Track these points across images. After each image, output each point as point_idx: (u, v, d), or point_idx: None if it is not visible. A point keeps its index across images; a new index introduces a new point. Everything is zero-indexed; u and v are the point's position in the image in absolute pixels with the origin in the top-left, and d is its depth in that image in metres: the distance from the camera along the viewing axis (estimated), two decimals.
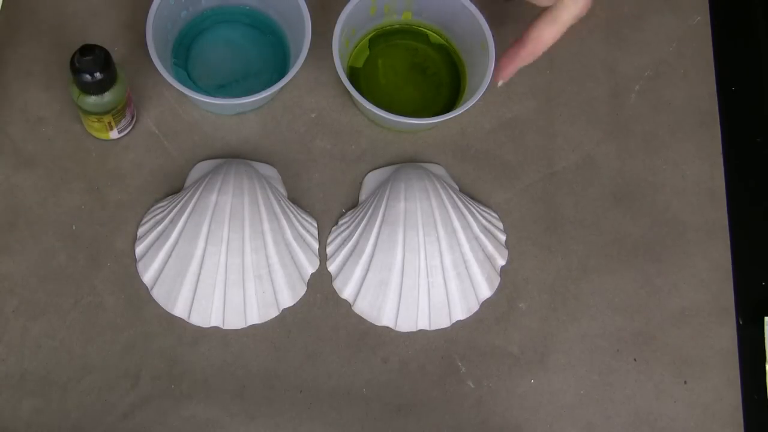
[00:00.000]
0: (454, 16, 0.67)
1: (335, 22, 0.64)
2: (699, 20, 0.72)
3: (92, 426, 0.61)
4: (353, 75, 0.69)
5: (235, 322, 0.63)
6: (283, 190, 0.66)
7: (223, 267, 0.62)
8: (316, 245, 0.65)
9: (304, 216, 0.65)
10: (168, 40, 0.67)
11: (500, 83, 0.63)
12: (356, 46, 0.69)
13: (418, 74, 0.69)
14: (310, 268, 0.65)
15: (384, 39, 0.70)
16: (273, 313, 0.64)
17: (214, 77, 0.68)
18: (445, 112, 0.64)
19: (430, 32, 0.70)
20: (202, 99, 0.62)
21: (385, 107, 0.63)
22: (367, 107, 0.63)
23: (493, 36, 0.64)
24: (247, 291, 0.63)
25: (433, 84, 0.69)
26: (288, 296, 0.64)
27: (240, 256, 0.62)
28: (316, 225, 0.66)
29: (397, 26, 0.70)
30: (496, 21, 0.66)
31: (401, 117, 0.63)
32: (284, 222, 0.64)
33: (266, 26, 0.69)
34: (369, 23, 0.69)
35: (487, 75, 0.63)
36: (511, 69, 0.62)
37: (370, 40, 0.70)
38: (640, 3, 0.72)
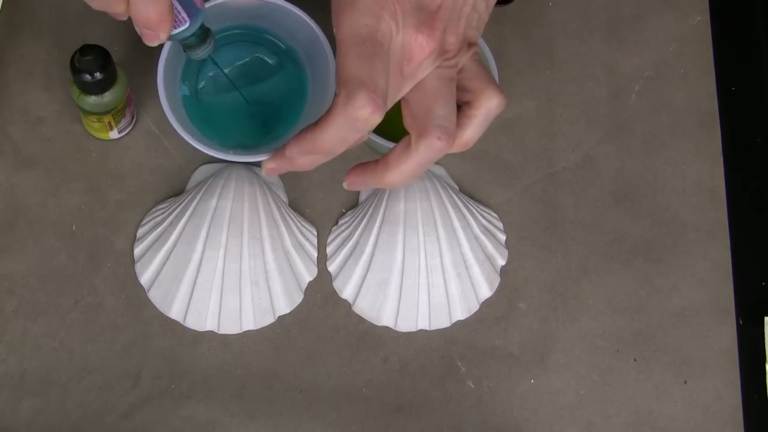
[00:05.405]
0: None
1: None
2: (699, 20, 0.72)
3: (92, 426, 0.61)
4: None
5: (230, 327, 0.63)
6: (284, 197, 0.66)
7: (221, 272, 0.62)
8: (314, 253, 0.65)
9: (303, 224, 0.65)
10: (182, 58, 0.62)
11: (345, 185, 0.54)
12: None
13: None
14: (307, 276, 0.65)
15: None
16: (269, 319, 0.64)
17: (221, 97, 0.63)
18: None
19: None
20: (215, 154, 0.59)
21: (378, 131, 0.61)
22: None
23: (497, 70, 0.62)
24: (243, 297, 0.63)
25: None
26: (284, 303, 0.64)
27: (238, 261, 0.62)
28: (315, 233, 0.65)
29: None
30: (493, 23, 0.66)
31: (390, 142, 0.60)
32: (283, 229, 0.64)
33: (288, 57, 0.64)
34: None
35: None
36: (360, 183, 0.53)
37: None
38: (640, 3, 0.72)
